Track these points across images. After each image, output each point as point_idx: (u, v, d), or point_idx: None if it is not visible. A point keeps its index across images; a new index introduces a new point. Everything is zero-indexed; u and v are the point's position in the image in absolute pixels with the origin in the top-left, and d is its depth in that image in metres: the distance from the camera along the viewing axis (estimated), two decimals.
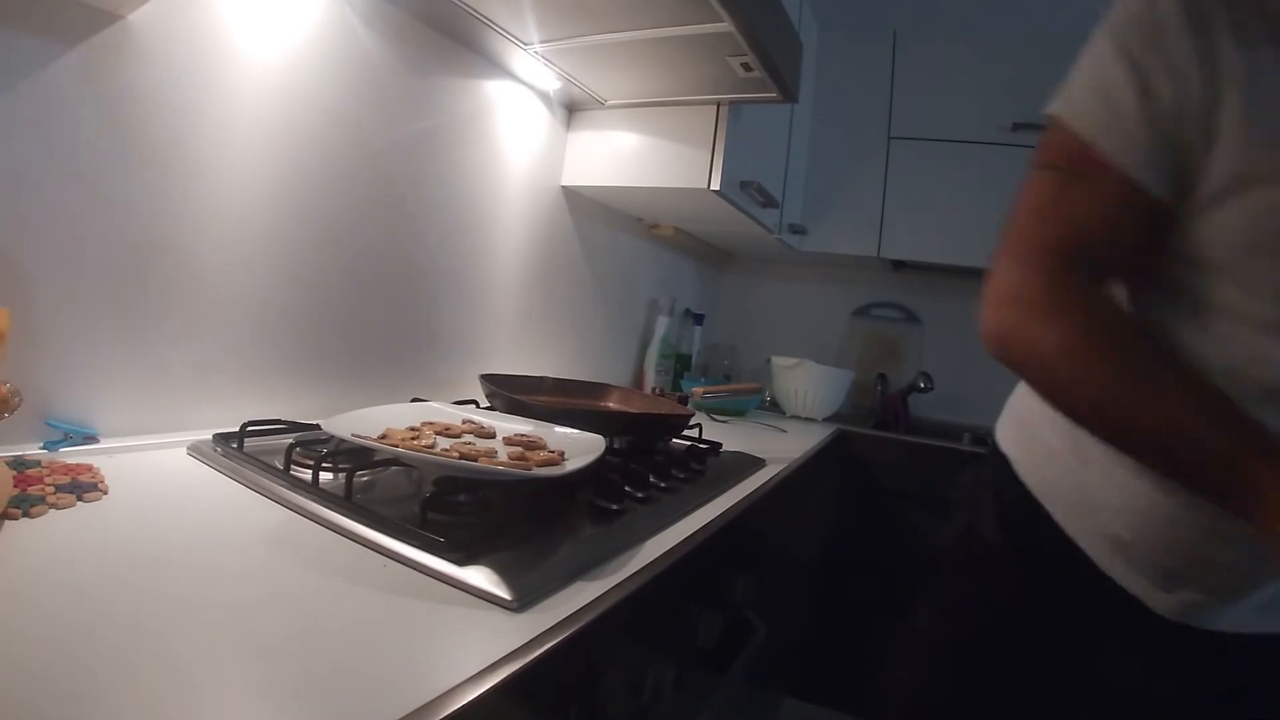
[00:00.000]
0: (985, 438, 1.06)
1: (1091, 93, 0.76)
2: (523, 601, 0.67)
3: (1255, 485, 0.64)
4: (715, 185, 1.81)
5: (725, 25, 1.31)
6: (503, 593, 0.67)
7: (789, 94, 1.62)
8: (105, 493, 0.80)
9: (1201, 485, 0.71)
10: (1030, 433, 0.95)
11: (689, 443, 1.48)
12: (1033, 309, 0.75)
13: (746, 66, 1.49)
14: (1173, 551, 0.80)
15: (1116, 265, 0.81)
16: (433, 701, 0.49)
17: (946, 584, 1.06)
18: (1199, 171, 0.71)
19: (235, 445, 1.00)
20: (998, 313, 0.78)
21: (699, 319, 2.92)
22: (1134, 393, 0.71)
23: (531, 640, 0.60)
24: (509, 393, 1.31)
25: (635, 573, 0.80)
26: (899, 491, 2.37)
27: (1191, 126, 0.70)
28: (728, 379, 3.08)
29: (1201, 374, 0.72)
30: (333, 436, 0.89)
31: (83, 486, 0.79)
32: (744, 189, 1.99)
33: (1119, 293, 0.85)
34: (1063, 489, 0.90)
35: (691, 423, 1.52)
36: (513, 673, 0.55)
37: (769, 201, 2.17)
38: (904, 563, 1.25)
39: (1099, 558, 0.86)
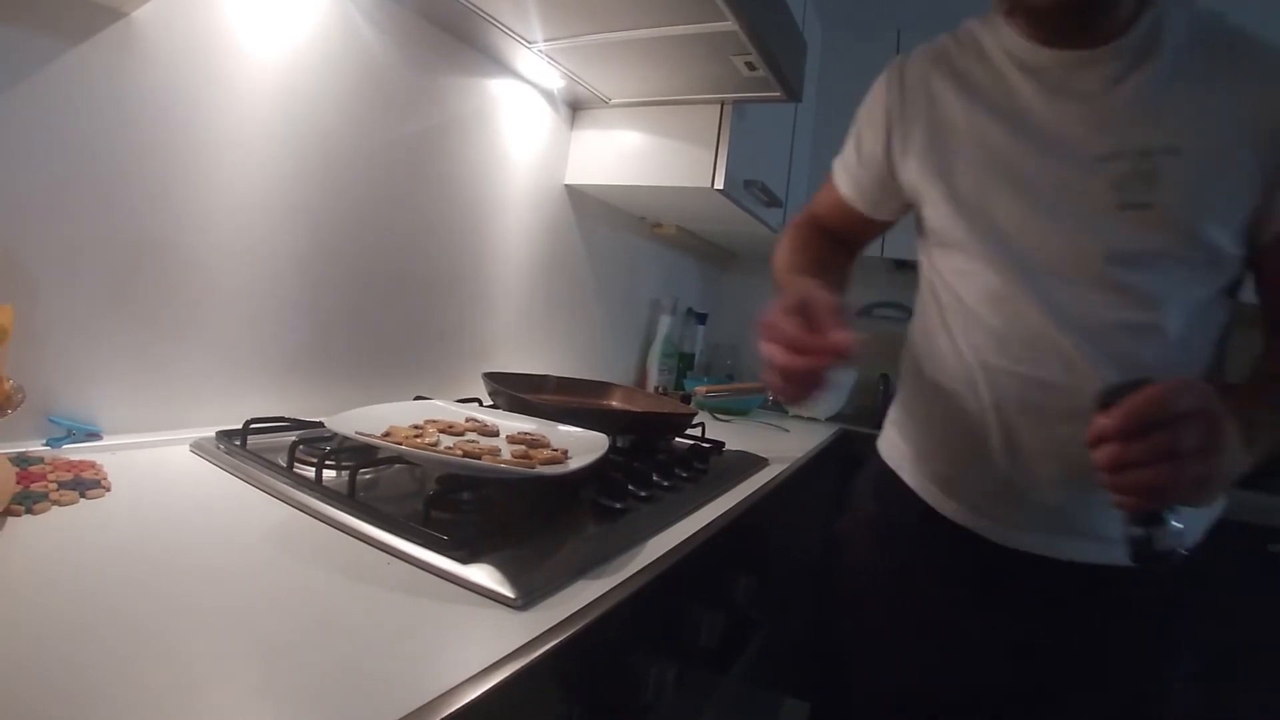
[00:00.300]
0: None
1: (843, 151, 1.25)
2: (526, 600, 0.67)
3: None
4: (719, 184, 1.81)
5: (729, 24, 1.30)
6: (506, 591, 0.67)
7: (793, 93, 1.62)
8: (108, 490, 0.80)
9: None
10: (888, 421, 1.27)
11: (692, 442, 1.48)
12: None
13: (750, 66, 1.49)
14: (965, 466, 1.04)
15: (851, 239, 1.31)
16: (436, 699, 0.49)
17: (843, 560, 1.26)
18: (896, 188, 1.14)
19: (238, 442, 1.00)
20: None
21: (702, 318, 2.92)
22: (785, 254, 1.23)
23: (535, 639, 0.61)
24: (512, 391, 1.31)
25: (638, 571, 0.80)
26: None
27: (881, 166, 1.14)
28: (730, 378, 3.08)
29: (820, 252, 1.26)
30: (336, 434, 0.90)
31: (86, 483, 0.79)
32: (747, 188, 1.99)
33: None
34: (904, 451, 1.17)
35: (694, 422, 1.51)
36: (516, 671, 0.56)
37: (772, 201, 2.17)
38: None
39: (934, 501, 1.09)
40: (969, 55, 1.04)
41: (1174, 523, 0.70)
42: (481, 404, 1.31)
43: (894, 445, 1.21)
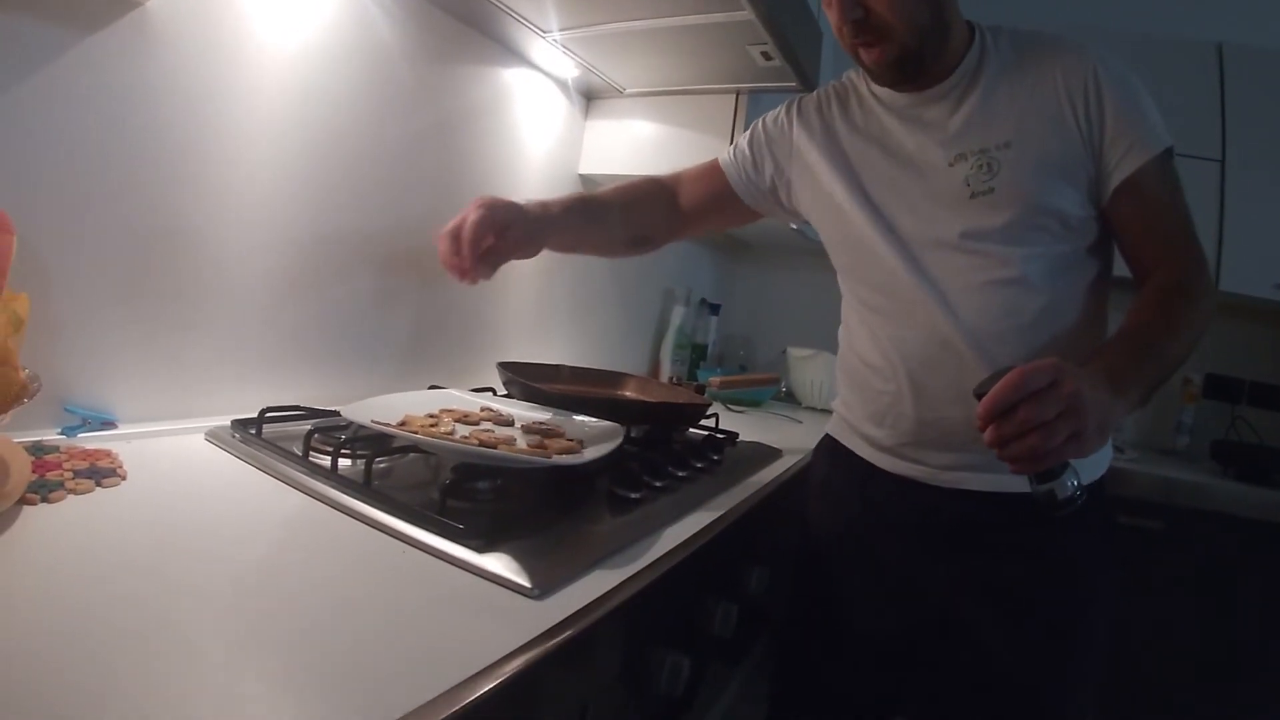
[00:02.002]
0: None
1: (733, 146, 1.42)
2: (543, 589, 0.66)
3: None
4: None
5: (746, 13, 1.30)
6: (523, 580, 0.67)
7: (808, 83, 1.61)
8: (124, 478, 0.80)
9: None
10: (834, 404, 1.37)
11: (706, 432, 1.48)
12: None
13: (766, 55, 1.49)
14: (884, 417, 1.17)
15: (704, 216, 1.46)
16: (455, 688, 0.49)
17: (804, 526, 1.35)
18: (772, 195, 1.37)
19: (254, 431, 1.00)
20: None
21: (715, 309, 2.91)
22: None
23: (552, 628, 0.60)
24: (527, 381, 1.31)
25: (654, 561, 0.80)
26: None
27: (766, 174, 1.35)
28: (743, 369, 3.07)
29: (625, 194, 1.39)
30: (351, 423, 0.90)
31: (101, 472, 0.79)
32: None
33: None
34: (844, 422, 1.29)
35: (708, 412, 1.51)
36: (533, 660, 0.56)
37: None
38: None
39: (871, 457, 1.21)
40: (852, 99, 1.25)
41: (1068, 476, 0.82)
42: (496, 393, 1.31)
43: (837, 420, 1.34)
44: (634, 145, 1.93)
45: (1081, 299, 1.09)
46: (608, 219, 1.35)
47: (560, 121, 1.89)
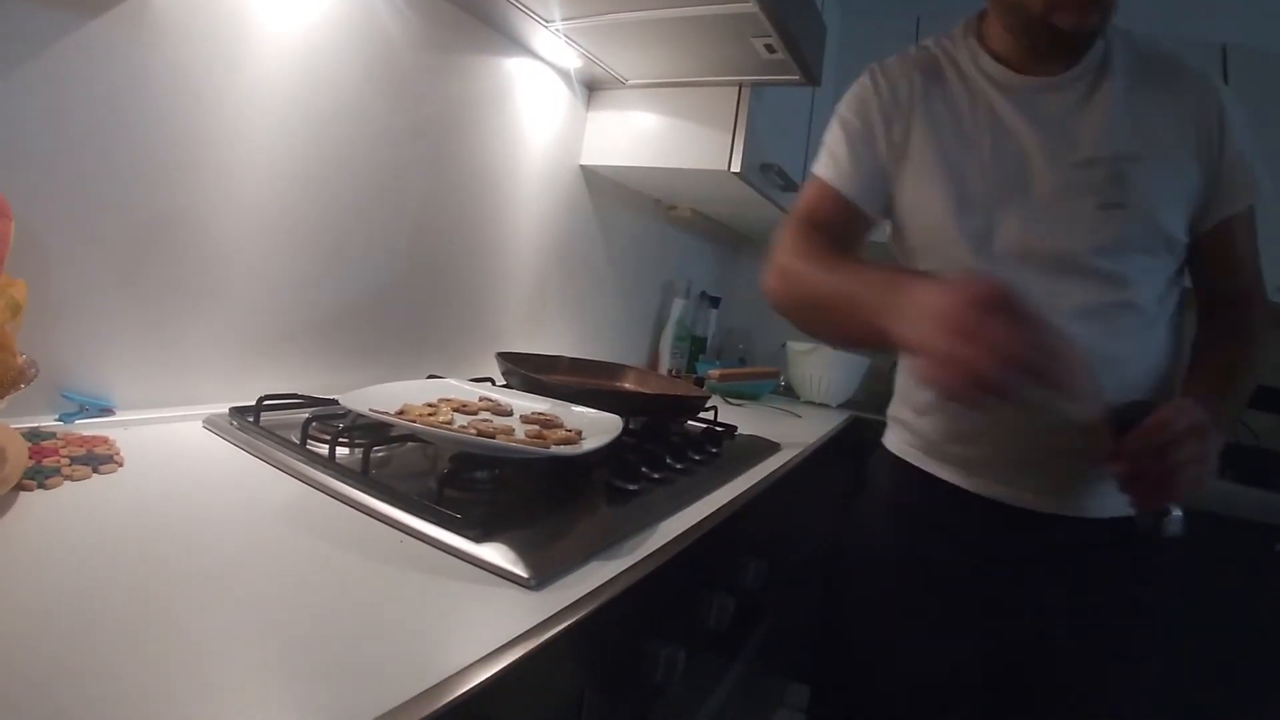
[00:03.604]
0: None
1: (824, 150, 1.19)
2: (540, 579, 0.66)
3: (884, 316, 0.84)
4: (735, 167, 1.80)
5: (749, 6, 1.30)
6: (520, 570, 0.67)
7: (812, 77, 1.61)
8: (121, 465, 0.80)
9: (863, 337, 0.93)
10: (892, 419, 1.28)
11: (704, 425, 1.48)
12: (774, 254, 1.12)
13: (770, 48, 1.48)
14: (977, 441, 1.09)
15: (848, 241, 1.15)
16: (451, 677, 0.49)
17: (858, 542, 1.27)
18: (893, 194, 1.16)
19: (252, 419, 1.00)
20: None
21: (715, 302, 2.91)
22: (815, 283, 1.03)
23: (549, 618, 0.60)
24: (526, 371, 1.31)
25: (651, 554, 0.80)
26: None
27: (880, 161, 1.14)
28: (743, 362, 3.07)
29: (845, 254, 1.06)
30: (350, 411, 0.89)
31: (98, 459, 0.79)
32: (764, 172, 1.98)
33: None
34: (915, 441, 1.19)
35: (707, 405, 1.51)
36: (530, 650, 0.56)
37: (789, 185, 2.16)
38: None
39: (957, 479, 1.12)
40: (951, 71, 1.13)
41: (1175, 511, 0.85)
42: (494, 383, 1.31)
43: (903, 437, 1.23)
44: (636, 137, 1.93)
45: (1173, 325, 1.08)
46: None
47: (562, 112, 1.88)
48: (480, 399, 1.12)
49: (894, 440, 1.26)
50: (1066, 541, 1.06)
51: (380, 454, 0.96)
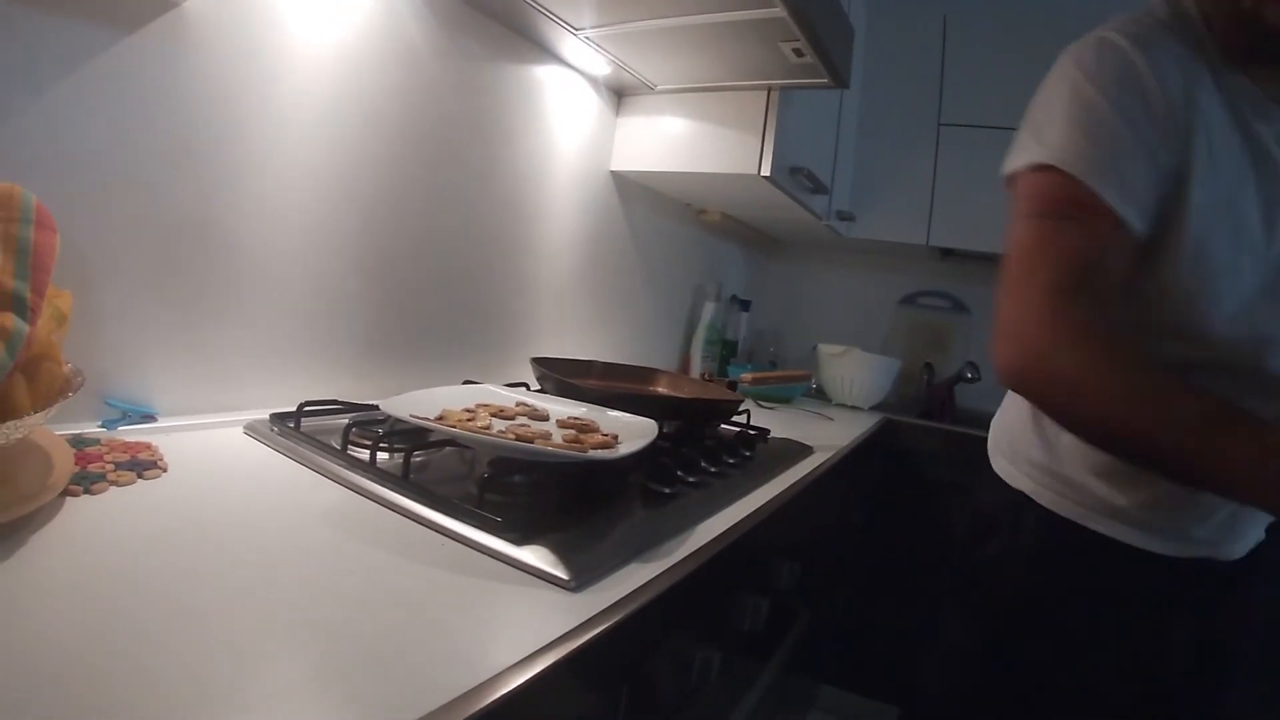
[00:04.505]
0: None
1: (1088, 143, 0.86)
2: (580, 581, 0.67)
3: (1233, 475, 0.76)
4: (765, 171, 1.80)
5: (778, 10, 1.30)
6: (560, 572, 0.68)
7: (840, 80, 1.61)
8: (165, 470, 0.82)
9: (1204, 484, 0.82)
10: (1044, 471, 1.08)
11: (738, 429, 1.48)
12: (1043, 344, 0.84)
13: (798, 52, 1.48)
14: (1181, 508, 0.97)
15: (1111, 293, 0.88)
16: (494, 678, 0.50)
17: (985, 593, 1.16)
18: (1170, 213, 0.87)
19: (292, 425, 1.02)
20: (1011, 349, 0.87)
21: (745, 305, 2.91)
22: (1146, 414, 0.80)
23: (589, 619, 0.61)
24: (560, 376, 1.32)
25: (688, 556, 0.80)
26: (943, 482, 2.34)
27: (1169, 178, 0.86)
28: (773, 365, 3.07)
29: (1195, 391, 0.81)
30: (389, 416, 0.91)
31: (142, 464, 0.80)
32: (794, 175, 1.98)
33: None
34: (1090, 505, 1.03)
35: (739, 409, 1.52)
36: (572, 650, 0.56)
37: (818, 188, 2.15)
38: (943, 554, 1.27)
39: (1136, 540, 1.00)
40: (1205, 93, 0.88)
41: None
42: (529, 388, 1.32)
43: (1054, 488, 1.07)
44: (665, 142, 1.94)
45: None
46: None
47: (591, 118, 1.90)
48: (517, 404, 1.13)
49: (1031, 484, 1.09)
50: (1215, 581, 1.01)
51: (419, 459, 0.97)
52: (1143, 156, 0.86)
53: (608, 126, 1.98)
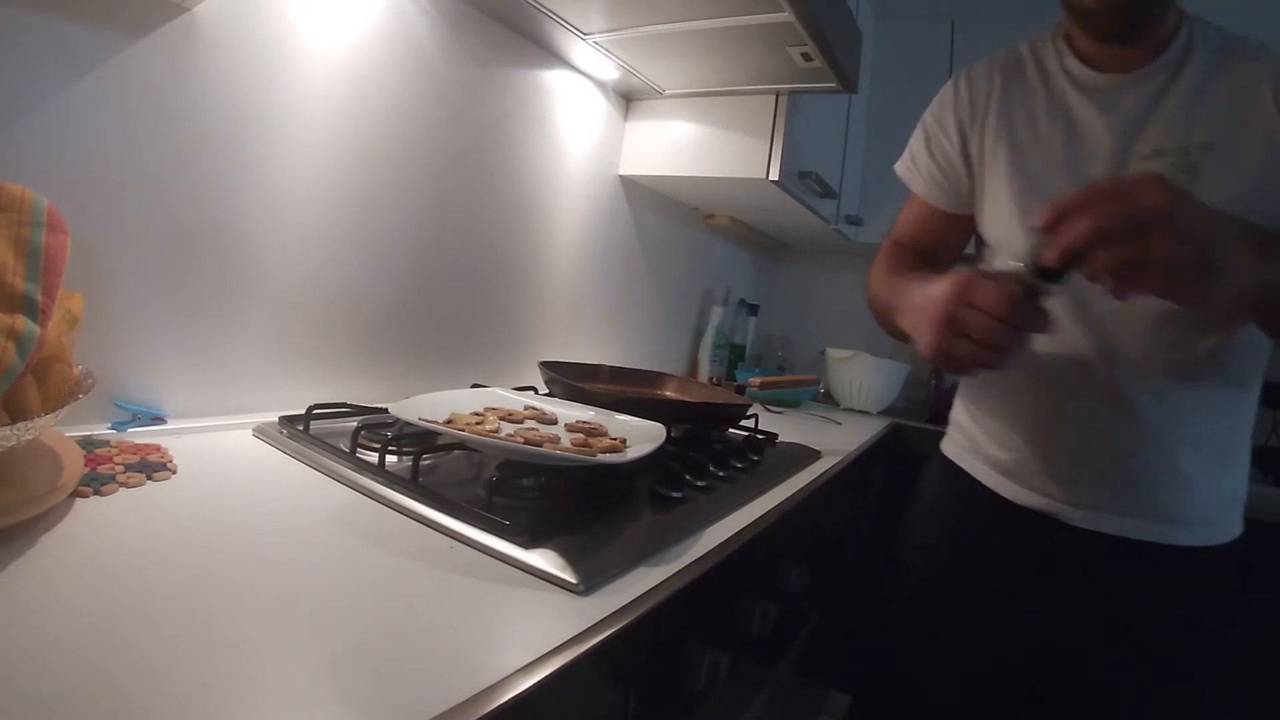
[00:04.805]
0: None
1: (910, 149, 1.30)
2: (588, 585, 0.67)
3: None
4: (774, 175, 1.80)
5: (786, 15, 1.30)
6: (568, 576, 0.68)
7: (849, 84, 1.61)
8: (174, 472, 0.82)
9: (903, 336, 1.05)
10: (951, 424, 1.33)
11: (746, 433, 1.48)
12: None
13: (806, 56, 1.48)
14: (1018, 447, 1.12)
15: (938, 248, 1.29)
16: (502, 681, 0.50)
17: (907, 549, 1.32)
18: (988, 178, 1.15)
19: (301, 427, 1.02)
20: None
21: (753, 309, 2.91)
22: (882, 295, 1.16)
23: (598, 623, 0.61)
24: (568, 380, 1.32)
25: (697, 560, 0.80)
26: None
27: (957, 166, 1.20)
28: (781, 370, 3.07)
29: (916, 266, 1.21)
30: (398, 419, 0.91)
31: (152, 466, 0.81)
32: (802, 179, 1.98)
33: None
34: (962, 445, 1.25)
35: (747, 413, 1.51)
36: (580, 654, 0.56)
37: (827, 192, 2.16)
38: None
39: (996, 485, 1.15)
40: (1033, 73, 1.12)
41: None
42: (537, 392, 1.32)
43: (953, 437, 1.29)
44: (674, 146, 1.94)
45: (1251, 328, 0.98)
46: None
47: (600, 123, 1.90)
48: (525, 408, 1.14)
49: (948, 442, 1.31)
50: (1095, 558, 1.05)
51: (427, 462, 0.97)
52: (939, 152, 1.22)
53: (616, 131, 1.98)
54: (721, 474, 1.14)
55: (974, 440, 1.22)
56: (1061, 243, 0.70)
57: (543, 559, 0.70)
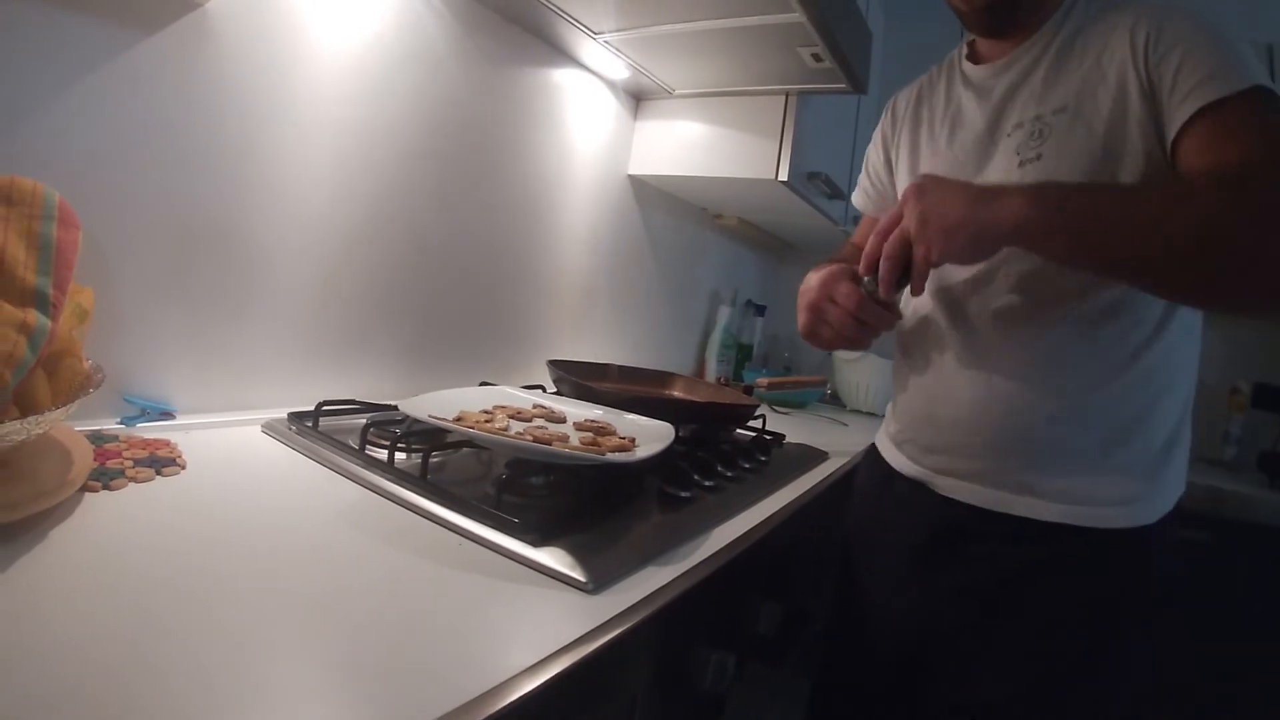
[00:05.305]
0: None
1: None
2: (597, 583, 0.67)
3: None
4: (783, 176, 1.80)
5: (796, 15, 1.30)
6: (577, 575, 0.68)
7: (858, 85, 1.61)
8: (183, 467, 0.82)
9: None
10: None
11: (753, 433, 1.48)
12: None
13: (817, 57, 1.48)
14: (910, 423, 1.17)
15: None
16: (511, 679, 0.50)
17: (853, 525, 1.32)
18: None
19: (310, 424, 1.02)
20: None
21: (761, 310, 2.91)
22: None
23: (607, 621, 0.61)
24: (577, 378, 1.32)
25: (705, 559, 0.80)
26: None
27: (884, 177, 1.31)
28: (788, 370, 3.06)
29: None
30: (407, 417, 0.91)
31: (161, 461, 0.81)
32: (811, 180, 1.97)
33: None
34: (883, 426, 1.30)
35: (755, 413, 1.51)
36: (588, 653, 0.56)
37: (835, 193, 2.15)
38: None
39: (889, 455, 1.21)
40: (940, 84, 1.21)
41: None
42: (545, 391, 1.32)
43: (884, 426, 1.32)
44: (683, 146, 1.94)
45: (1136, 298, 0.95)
46: None
47: (610, 122, 1.90)
48: (534, 406, 1.14)
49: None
50: (956, 527, 1.07)
51: (437, 459, 0.97)
52: (872, 169, 1.35)
53: (626, 130, 1.98)
54: (729, 474, 1.14)
55: (886, 419, 1.29)
56: (881, 277, 0.96)
57: (552, 557, 0.70)
